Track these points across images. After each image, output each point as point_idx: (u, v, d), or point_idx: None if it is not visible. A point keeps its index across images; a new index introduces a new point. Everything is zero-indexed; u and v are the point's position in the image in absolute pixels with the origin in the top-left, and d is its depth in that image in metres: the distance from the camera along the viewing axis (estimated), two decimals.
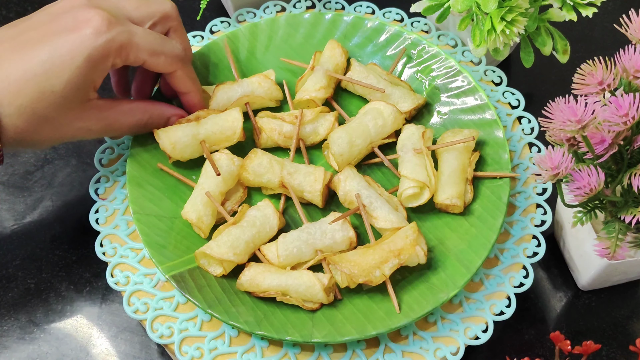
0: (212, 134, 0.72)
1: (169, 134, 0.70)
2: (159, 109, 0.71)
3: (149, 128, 0.71)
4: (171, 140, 0.70)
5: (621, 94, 0.54)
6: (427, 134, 0.72)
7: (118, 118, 0.67)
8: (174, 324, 0.65)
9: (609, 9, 0.94)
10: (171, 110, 0.72)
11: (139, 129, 0.70)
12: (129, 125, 0.69)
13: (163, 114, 0.71)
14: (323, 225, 0.67)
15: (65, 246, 0.75)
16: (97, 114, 0.65)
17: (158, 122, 0.71)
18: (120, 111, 0.68)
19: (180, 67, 0.69)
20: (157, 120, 0.71)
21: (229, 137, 0.72)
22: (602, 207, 0.60)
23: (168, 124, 0.71)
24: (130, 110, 0.69)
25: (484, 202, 0.70)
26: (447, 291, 0.64)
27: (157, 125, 0.71)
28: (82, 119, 0.64)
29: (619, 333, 0.70)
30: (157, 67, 0.68)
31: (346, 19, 0.83)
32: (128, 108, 0.69)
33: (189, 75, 0.71)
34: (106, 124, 0.67)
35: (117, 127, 0.68)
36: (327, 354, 0.63)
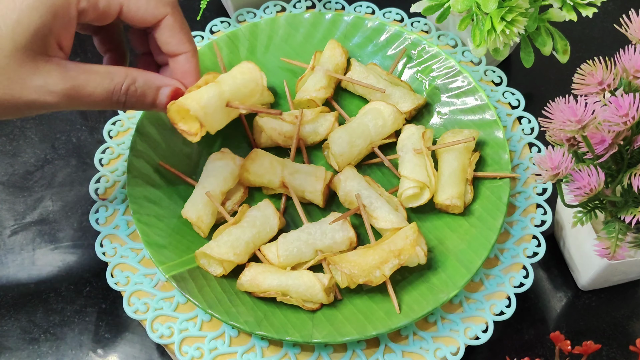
0: (237, 89, 0.61)
1: (195, 98, 0.57)
2: (145, 75, 0.55)
3: (131, 103, 0.54)
4: (201, 104, 0.57)
5: (621, 94, 0.54)
6: (427, 134, 0.72)
7: (88, 80, 0.52)
8: (174, 324, 0.65)
9: (609, 9, 0.94)
10: (162, 80, 0.55)
11: (117, 101, 0.54)
12: (103, 92, 0.53)
13: (151, 83, 0.55)
14: (323, 226, 0.67)
15: (65, 246, 0.75)
16: (60, 72, 0.51)
17: (143, 94, 0.55)
18: (92, 71, 0.52)
19: (170, 12, 0.54)
20: (143, 91, 0.54)
21: (254, 90, 0.63)
22: (602, 207, 0.60)
23: (157, 99, 0.56)
24: (106, 73, 0.53)
25: (484, 202, 0.70)
26: (447, 291, 0.64)
27: (143, 98, 0.55)
28: (40, 73, 0.50)
29: (619, 333, 0.70)
30: (137, 15, 0.53)
31: (346, 19, 0.83)
32: (104, 70, 0.53)
33: (182, 25, 0.55)
34: (72, 87, 0.51)
35: (87, 92, 0.52)
36: (327, 354, 0.63)
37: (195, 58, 0.58)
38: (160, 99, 0.55)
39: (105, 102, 0.53)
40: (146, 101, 0.54)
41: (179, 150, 0.75)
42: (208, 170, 0.71)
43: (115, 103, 0.54)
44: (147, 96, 0.55)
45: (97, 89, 0.52)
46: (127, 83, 0.53)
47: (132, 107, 0.54)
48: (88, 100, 0.52)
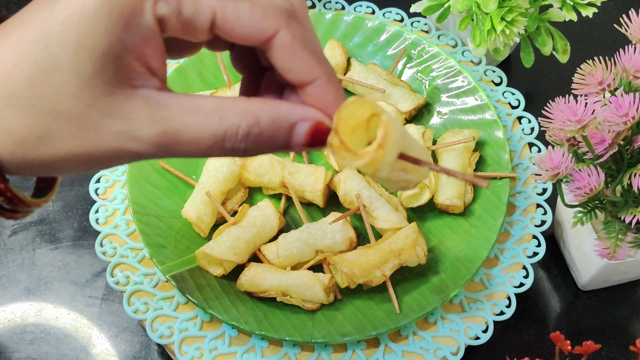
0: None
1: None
2: (271, 111, 0.37)
3: (256, 149, 0.37)
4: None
5: (621, 94, 0.54)
6: (427, 134, 0.72)
7: (189, 121, 0.35)
8: (174, 324, 0.65)
9: (609, 9, 0.94)
10: (295, 111, 0.37)
11: (232, 149, 0.36)
12: (209, 137, 0.36)
13: (281, 119, 0.37)
14: (323, 226, 0.67)
15: (65, 246, 0.75)
16: (148, 110, 0.35)
17: (272, 138, 0.37)
18: (194, 108, 0.36)
19: (284, 25, 0.37)
20: (271, 133, 0.37)
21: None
22: (602, 207, 0.60)
23: (292, 140, 0.37)
24: (214, 110, 0.36)
25: (484, 202, 0.70)
26: (447, 291, 0.64)
27: (271, 142, 0.37)
28: (119, 113, 0.35)
29: (619, 333, 0.70)
30: (236, 28, 0.37)
31: (346, 19, 0.83)
32: (212, 105, 0.36)
33: (305, 42, 0.38)
34: (165, 132, 0.35)
35: (187, 139, 0.35)
36: (327, 354, 0.63)
37: (333, 84, 0.39)
38: (296, 140, 0.37)
39: (213, 150, 0.36)
40: (276, 144, 0.37)
41: None
42: (208, 170, 0.71)
43: (230, 151, 0.36)
44: (277, 139, 0.37)
45: (201, 133, 0.35)
46: (247, 124, 0.36)
47: (256, 153, 0.37)
48: (189, 148, 0.36)
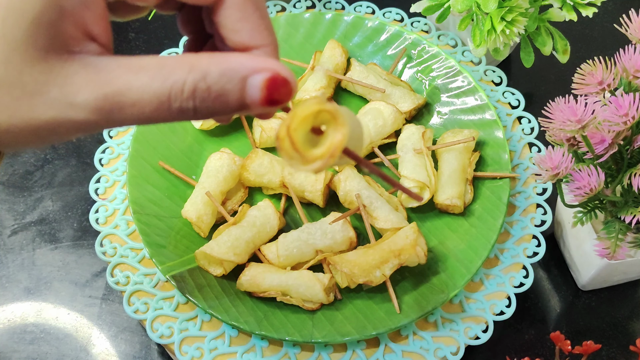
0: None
1: None
2: (221, 63, 0.33)
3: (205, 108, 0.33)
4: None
5: (621, 94, 0.54)
6: (427, 134, 0.72)
7: (130, 82, 0.32)
8: (174, 324, 0.65)
9: (609, 9, 0.94)
10: (248, 62, 0.33)
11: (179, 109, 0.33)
12: (153, 97, 0.32)
13: (231, 72, 0.33)
14: (323, 226, 0.67)
15: (65, 246, 0.75)
16: (87, 74, 0.32)
17: (222, 93, 0.33)
18: (136, 68, 0.32)
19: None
20: (220, 88, 0.33)
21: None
22: (602, 207, 0.60)
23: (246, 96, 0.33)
24: (158, 67, 0.32)
25: (484, 202, 0.70)
26: (447, 291, 0.64)
27: (222, 98, 0.33)
28: (56, 80, 0.32)
29: (619, 333, 0.70)
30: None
31: (346, 19, 0.83)
32: (155, 63, 0.33)
33: (258, 4, 0.36)
34: (106, 95, 0.32)
35: (130, 101, 0.32)
36: (327, 354, 0.63)
37: (276, 55, 0.37)
38: (250, 94, 0.33)
39: (161, 113, 0.33)
40: (229, 102, 0.33)
41: (179, 150, 0.75)
42: (208, 170, 0.71)
43: (178, 112, 0.33)
44: (228, 95, 0.33)
45: (143, 94, 0.32)
46: (193, 79, 0.32)
47: (208, 114, 0.33)
48: (133, 112, 0.32)
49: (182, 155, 0.75)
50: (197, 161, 0.75)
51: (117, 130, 0.77)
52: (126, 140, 0.76)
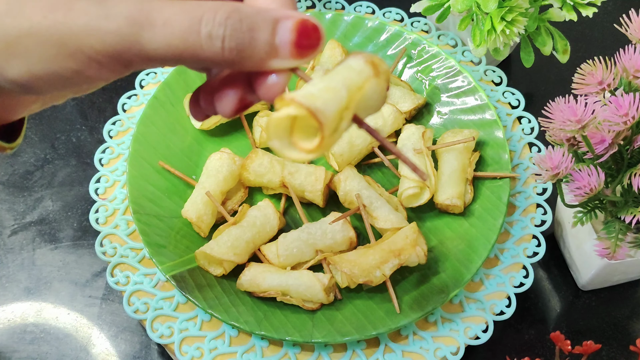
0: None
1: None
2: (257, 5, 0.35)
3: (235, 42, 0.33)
4: None
5: (621, 94, 0.54)
6: (427, 134, 0.72)
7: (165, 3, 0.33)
8: (174, 324, 0.65)
9: (609, 9, 0.94)
10: (283, 10, 0.34)
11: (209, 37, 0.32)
12: (186, 20, 0.32)
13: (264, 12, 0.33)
14: (323, 225, 0.67)
15: (65, 246, 0.75)
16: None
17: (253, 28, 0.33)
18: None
19: None
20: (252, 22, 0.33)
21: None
22: (602, 207, 0.60)
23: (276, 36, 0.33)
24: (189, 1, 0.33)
25: (484, 202, 0.70)
26: (447, 291, 0.64)
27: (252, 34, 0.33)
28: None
29: (619, 333, 0.70)
30: None
31: (346, 19, 0.83)
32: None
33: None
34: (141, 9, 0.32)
35: (162, 19, 0.32)
36: (327, 354, 0.63)
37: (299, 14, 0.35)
38: (280, 36, 0.33)
39: (190, 36, 0.32)
40: (259, 38, 0.32)
41: (179, 150, 0.75)
42: (208, 170, 0.71)
43: (207, 38, 0.32)
44: (260, 31, 0.32)
45: (176, 16, 0.32)
46: (227, 9, 0.32)
47: (237, 48, 0.32)
48: (165, 32, 0.32)
49: (182, 155, 0.75)
50: (197, 161, 0.75)
51: (117, 130, 0.77)
52: (126, 140, 0.76)
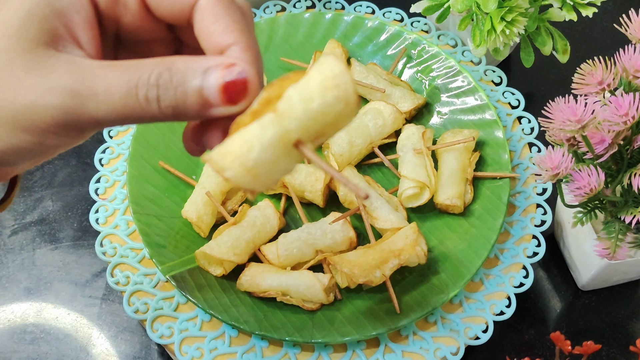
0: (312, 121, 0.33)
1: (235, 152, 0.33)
2: (187, 58, 0.35)
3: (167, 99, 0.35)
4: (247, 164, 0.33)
5: (621, 94, 0.54)
6: (427, 134, 0.72)
7: (105, 74, 0.35)
8: (174, 324, 0.65)
9: (609, 9, 0.94)
10: (209, 60, 0.35)
11: (145, 98, 0.35)
12: (123, 85, 0.34)
13: (198, 63, 0.35)
14: (323, 226, 0.67)
15: (65, 246, 0.75)
16: (67, 67, 0.35)
17: (183, 82, 0.34)
18: (115, 66, 0.35)
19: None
20: (182, 77, 0.35)
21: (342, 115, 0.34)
22: (602, 207, 0.60)
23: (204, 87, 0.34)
24: (134, 64, 0.35)
25: (484, 202, 0.70)
26: (447, 291, 0.64)
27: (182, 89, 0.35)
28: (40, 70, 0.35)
29: (619, 333, 0.70)
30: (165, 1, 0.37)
31: (346, 19, 0.83)
32: (133, 63, 0.35)
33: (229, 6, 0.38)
34: (80, 81, 0.34)
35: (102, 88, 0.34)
36: (327, 354, 0.63)
37: (253, 52, 0.37)
38: (208, 85, 0.34)
39: (129, 101, 0.34)
40: (188, 91, 0.34)
41: (179, 150, 0.75)
42: (208, 170, 0.71)
43: (144, 100, 0.34)
44: (188, 84, 0.34)
45: (114, 83, 0.34)
46: (159, 70, 0.34)
47: (171, 105, 0.35)
48: (106, 99, 0.34)
49: (182, 155, 0.75)
50: (197, 161, 0.75)
51: (117, 130, 0.77)
52: (126, 140, 0.76)
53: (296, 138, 0.33)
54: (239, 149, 0.32)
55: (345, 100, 0.32)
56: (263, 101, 0.33)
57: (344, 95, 0.32)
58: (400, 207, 0.70)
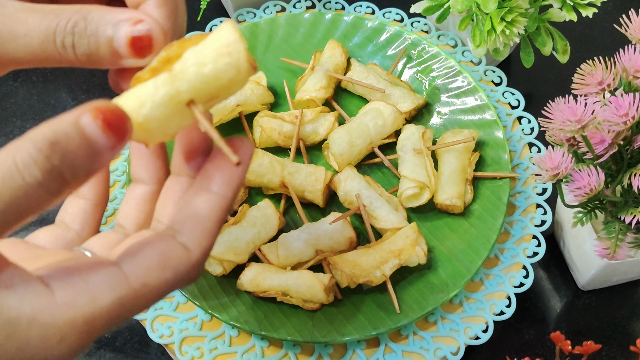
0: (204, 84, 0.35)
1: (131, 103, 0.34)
2: (104, 9, 0.36)
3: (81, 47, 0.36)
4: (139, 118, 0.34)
5: (621, 94, 0.54)
6: (427, 134, 0.72)
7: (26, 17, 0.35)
8: (174, 324, 0.65)
9: (609, 9, 0.94)
10: (130, 14, 0.36)
11: (62, 44, 0.35)
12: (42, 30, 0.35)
13: (108, 16, 0.36)
14: (323, 225, 0.67)
15: None
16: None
17: (95, 32, 0.36)
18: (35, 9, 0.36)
19: None
20: (95, 27, 0.36)
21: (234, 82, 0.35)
22: (602, 208, 0.60)
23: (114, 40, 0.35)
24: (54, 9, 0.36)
25: (484, 202, 0.70)
26: (447, 291, 0.64)
27: (95, 38, 0.36)
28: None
29: (619, 333, 0.70)
30: None
31: (346, 19, 0.83)
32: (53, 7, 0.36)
33: None
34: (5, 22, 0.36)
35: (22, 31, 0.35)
36: (327, 354, 0.63)
37: (168, 8, 0.38)
38: (117, 37, 0.35)
39: (47, 46, 0.35)
40: (100, 42, 0.35)
41: None
42: None
43: (61, 47, 0.35)
44: (100, 34, 0.35)
45: (34, 28, 0.35)
46: (76, 18, 0.35)
47: (86, 56, 0.36)
48: (26, 42, 0.35)
49: None
50: None
51: None
52: None
53: (188, 99, 0.34)
54: (131, 104, 0.34)
55: (237, 68, 0.33)
56: (162, 59, 0.35)
57: (236, 62, 0.33)
58: (400, 207, 0.70)
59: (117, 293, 0.31)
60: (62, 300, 0.30)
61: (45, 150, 0.29)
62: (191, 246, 0.34)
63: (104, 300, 0.31)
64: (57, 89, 0.88)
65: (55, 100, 0.87)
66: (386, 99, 0.76)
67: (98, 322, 0.31)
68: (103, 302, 0.31)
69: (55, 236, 0.40)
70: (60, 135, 0.30)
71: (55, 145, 0.29)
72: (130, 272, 0.32)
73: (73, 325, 0.30)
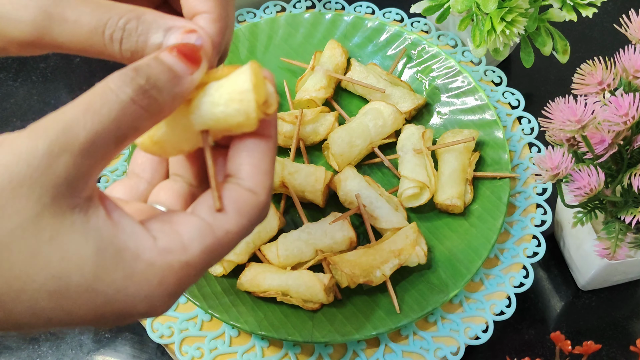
0: (211, 122, 0.38)
1: None
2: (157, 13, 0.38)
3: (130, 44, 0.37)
4: (154, 138, 0.38)
5: (621, 94, 0.54)
6: (427, 134, 0.72)
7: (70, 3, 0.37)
8: (174, 324, 0.65)
9: (609, 9, 0.94)
10: (177, 21, 0.37)
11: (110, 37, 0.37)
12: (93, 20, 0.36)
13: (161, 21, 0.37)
14: (323, 225, 0.67)
15: None
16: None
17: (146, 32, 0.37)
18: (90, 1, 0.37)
19: None
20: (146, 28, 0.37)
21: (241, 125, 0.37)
22: (602, 208, 0.60)
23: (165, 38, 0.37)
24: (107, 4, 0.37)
25: (484, 202, 0.70)
26: (447, 291, 0.64)
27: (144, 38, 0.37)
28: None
29: (619, 333, 0.70)
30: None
31: (346, 19, 0.83)
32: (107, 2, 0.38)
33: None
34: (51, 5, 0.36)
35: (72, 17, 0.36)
36: (327, 354, 0.63)
37: (220, 25, 0.39)
38: (166, 43, 0.37)
39: (92, 37, 0.37)
40: (148, 43, 0.37)
41: None
42: None
43: (108, 39, 0.37)
44: (150, 35, 0.37)
45: (85, 16, 0.36)
46: (129, 16, 0.37)
47: (131, 52, 0.37)
48: (74, 28, 0.36)
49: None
50: None
51: None
52: None
53: (199, 130, 0.37)
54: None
55: (246, 115, 0.36)
56: None
57: (245, 109, 0.36)
58: (400, 207, 0.70)
59: (205, 242, 0.34)
60: (161, 245, 0.32)
61: (131, 73, 0.33)
62: (257, 189, 0.36)
63: (195, 249, 0.33)
64: (57, 89, 0.88)
65: (55, 100, 0.87)
66: (386, 99, 0.76)
67: (192, 269, 0.33)
68: (194, 251, 0.33)
69: (130, 187, 0.41)
70: (142, 65, 0.34)
71: (140, 70, 0.34)
72: (213, 222, 0.34)
73: (171, 270, 0.32)
